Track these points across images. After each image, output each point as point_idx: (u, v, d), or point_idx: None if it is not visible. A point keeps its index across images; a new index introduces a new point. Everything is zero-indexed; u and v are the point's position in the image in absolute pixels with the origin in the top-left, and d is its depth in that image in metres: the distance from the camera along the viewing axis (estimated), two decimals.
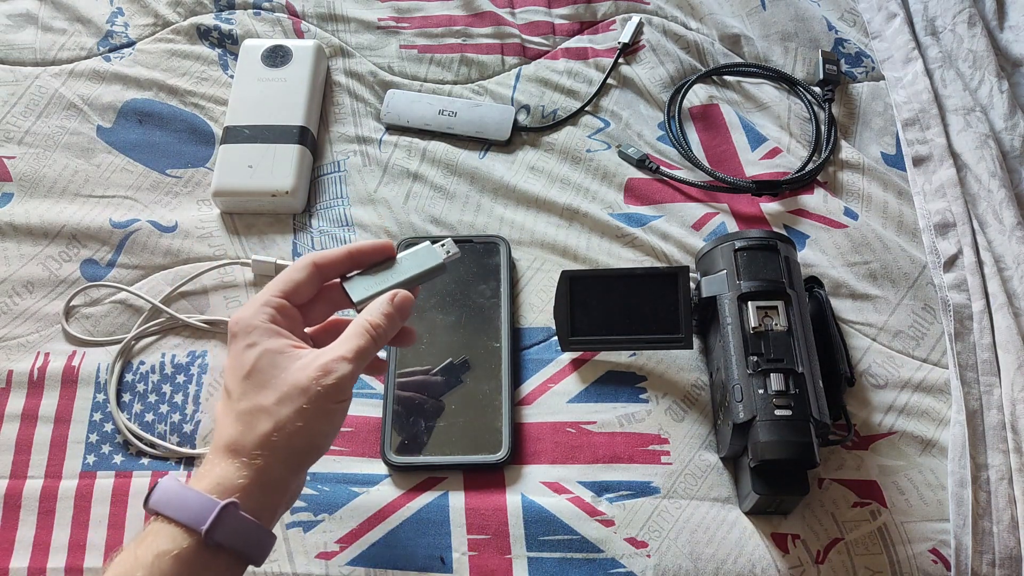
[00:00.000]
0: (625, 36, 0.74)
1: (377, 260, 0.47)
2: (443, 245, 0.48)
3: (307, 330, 0.46)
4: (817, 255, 0.63)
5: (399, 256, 0.47)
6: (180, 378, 0.59)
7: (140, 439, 0.56)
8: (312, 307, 0.46)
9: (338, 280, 0.47)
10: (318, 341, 0.46)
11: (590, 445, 0.56)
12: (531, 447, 0.56)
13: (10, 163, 0.68)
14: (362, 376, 0.58)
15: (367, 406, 0.57)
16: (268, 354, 0.41)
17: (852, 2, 0.78)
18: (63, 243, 0.64)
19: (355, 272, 0.47)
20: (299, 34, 0.75)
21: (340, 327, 0.44)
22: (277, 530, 0.53)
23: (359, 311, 0.45)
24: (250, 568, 0.40)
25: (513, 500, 0.53)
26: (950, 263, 0.62)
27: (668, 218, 0.65)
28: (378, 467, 0.55)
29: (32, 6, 0.77)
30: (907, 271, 0.62)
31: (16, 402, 0.58)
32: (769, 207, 0.66)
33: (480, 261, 0.62)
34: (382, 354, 0.53)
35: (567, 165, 0.68)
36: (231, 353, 0.42)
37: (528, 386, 0.58)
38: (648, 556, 0.52)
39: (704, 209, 0.65)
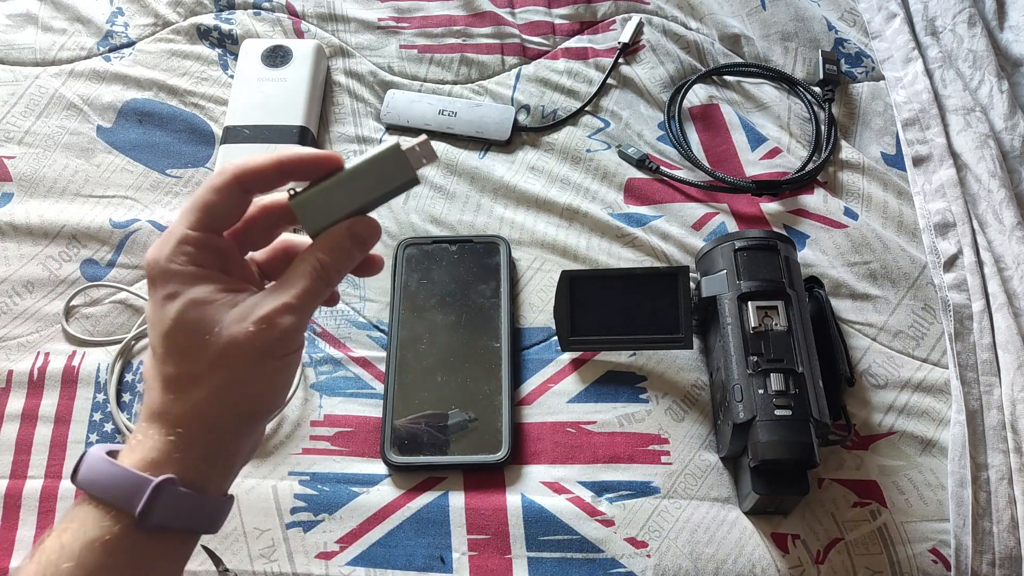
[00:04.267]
0: (625, 36, 0.74)
1: (323, 174, 0.36)
2: (416, 147, 0.36)
3: (253, 255, 0.38)
4: (817, 255, 0.63)
5: (358, 162, 0.36)
6: None
7: None
8: (250, 228, 0.37)
9: (280, 198, 0.37)
10: (269, 271, 0.39)
11: (590, 445, 0.56)
12: (531, 447, 0.56)
13: (10, 163, 0.68)
14: (360, 374, 0.58)
15: (367, 406, 0.57)
16: (193, 306, 0.33)
17: (852, 2, 0.78)
18: (63, 243, 0.64)
19: (303, 186, 0.36)
20: (299, 34, 0.75)
21: (293, 251, 0.37)
22: (277, 531, 0.53)
23: (313, 237, 0.36)
24: (246, 568, 0.37)
25: (513, 500, 0.53)
26: (950, 263, 0.62)
27: (668, 218, 0.65)
28: (378, 467, 0.55)
29: (32, 6, 0.77)
30: (907, 271, 0.62)
31: (16, 402, 0.58)
32: (769, 207, 0.66)
33: (480, 261, 0.62)
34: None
35: (567, 165, 0.68)
36: (151, 303, 0.34)
37: (528, 386, 0.58)
38: (648, 556, 0.52)
39: (704, 209, 0.65)
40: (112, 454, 0.34)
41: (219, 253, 0.35)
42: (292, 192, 0.36)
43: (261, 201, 0.37)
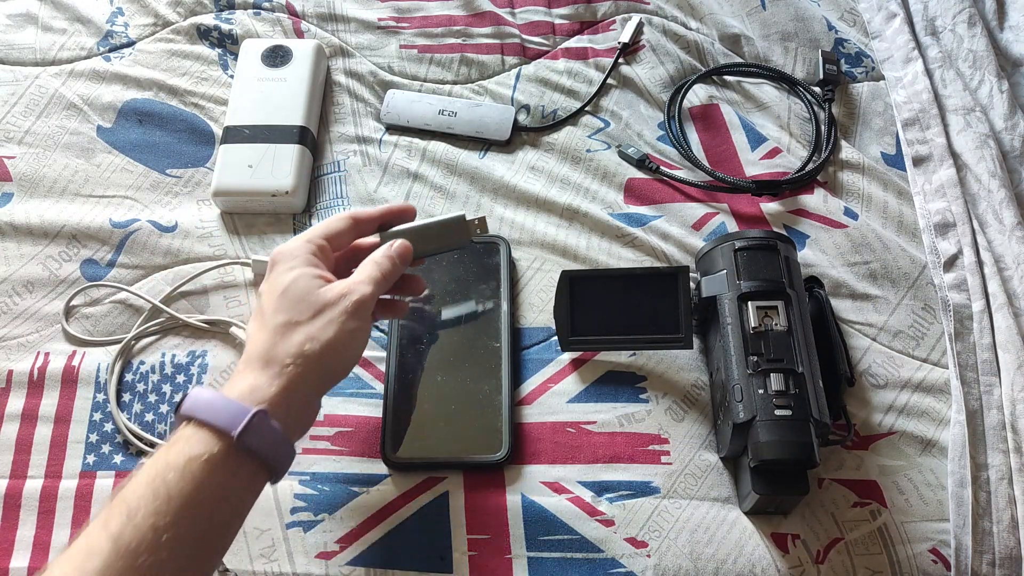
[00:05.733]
0: (625, 36, 0.74)
1: (403, 220, 0.52)
2: (476, 221, 0.52)
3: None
4: (817, 255, 0.63)
5: (430, 221, 0.51)
6: (180, 378, 0.59)
7: (140, 439, 0.56)
8: (346, 255, 0.51)
9: (369, 241, 0.52)
10: (338, 271, 0.50)
11: (590, 445, 0.56)
12: (531, 447, 0.56)
13: (10, 163, 0.68)
14: (360, 374, 0.58)
15: (367, 406, 0.57)
16: (305, 277, 0.46)
17: (852, 2, 0.78)
18: (63, 243, 0.64)
19: (390, 229, 0.51)
20: (299, 34, 0.75)
21: (361, 254, 0.50)
22: (277, 531, 0.53)
23: None
24: (246, 568, 0.40)
25: (513, 500, 0.53)
26: (950, 263, 0.62)
27: (668, 218, 0.65)
28: (378, 467, 0.55)
29: (32, 6, 0.77)
30: (907, 271, 0.62)
31: (16, 402, 0.58)
32: (769, 207, 0.66)
33: (480, 261, 0.62)
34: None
35: (567, 165, 0.68)
36: (269, 278, 0.47)
37: (528, 386, 0.58)
38: (648, 556, 0.52)
39: (704, 209, 0.65)
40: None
41: (326, 258, 0.48)
42: (381, 233, 0.51)
43: (358, 243, 0.52)
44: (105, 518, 0.38)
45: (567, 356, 0.59)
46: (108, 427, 0.57)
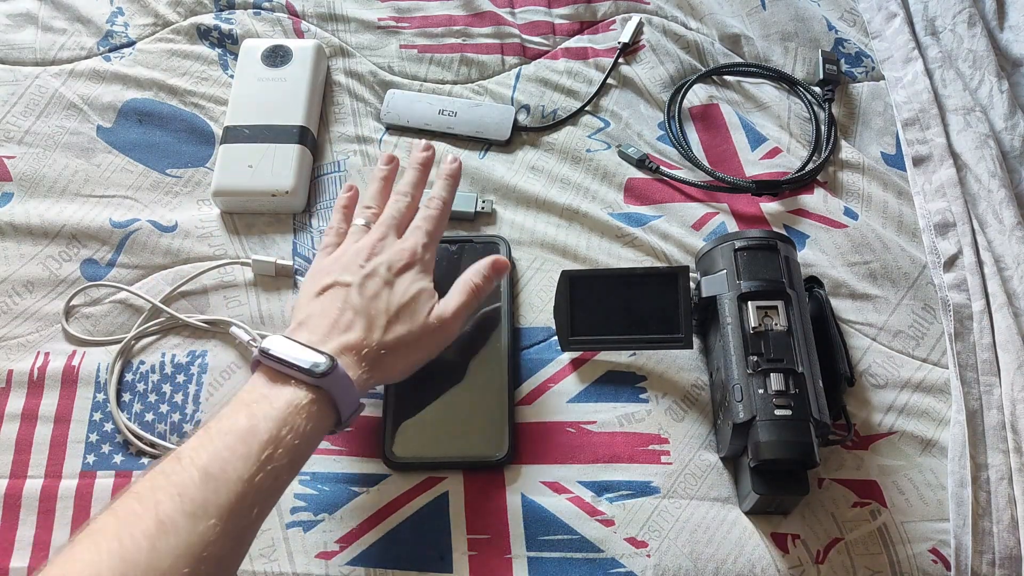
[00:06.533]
0: (625, 36, 0.74)
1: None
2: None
3: None
4: (817, 255, 0.63)
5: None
6: (180, 378, 0.59)
7: (140, 439, 0.56)
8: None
9: None
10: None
11: (590, 445, 0.56)
12: (531, 447, 0.56)
13: (10, 163, 0.68)
14: None
15: (367, 406, 0.57)
16: (426, 294, 0.53)
17: (852, 2, 0.78)
18: (63, 243, 0.64)
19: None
20: (299, 34, 0.75)
21: None
22: (277, 531, 0.53)
23: None
24: (246, 568, 0.40)
25: (513, 500, 0.53)
26: (950, 263, 0.62)
27: (668, 218, 0.65)
28: (378, 467, 0.55)
29: (32, 6, 0.77)
30: (907, 271, 0.62)
31: (16, 402, 0.58)
32: (769, 207, 0.66)
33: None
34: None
35: (567, 165, 0.68)
36: (395, 270, 0.53)
37: (528, 386, 0.58)
38: (648, 556, 0.52)
39: (704, 209, 0.65)
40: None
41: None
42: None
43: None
44: (192, 449, 0.42)
45: (567, 356, 0.59)
46: (108, 427, 0.57)
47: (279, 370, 0.46)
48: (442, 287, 0.61)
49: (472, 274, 0.55)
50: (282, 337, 0.47)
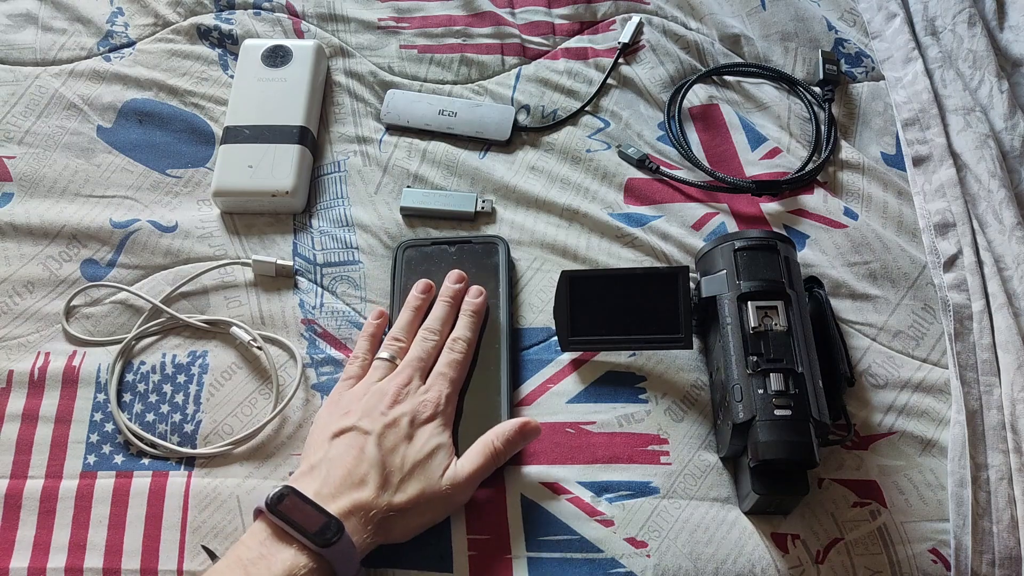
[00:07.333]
0: (625, 36, 0.74)
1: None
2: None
3: None
4: (817, 255, 0.63)
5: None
6: (181, 378, 0.59)
7: (141, 439, 0.56)
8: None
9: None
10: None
11: (589, 445, 0.56)
12: (531, 447, 0.56)
13: (10, 163, 0.68)
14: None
15: None
16: (442, 453, 0.51)
17: (852, 2, 0.78)
18: (63, 243, 0.64)
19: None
20: (299, 34, 0.75)
21: None
22: None
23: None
24: None
25: (513, 500, 0.53)
26: (950, 263, 0.62)
27: (668, 218, 0.65)
28: None
29: (32, 6, 0.77)
30: (907, 271, 0.62)
31: (16, 402, 0.58)
32: (769, 207, 0.66)
33: (480, 261, 0.62)
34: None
35: (567, 165, 0.68)
36: (416, 423, 0.51)
37: (528, 386, 0.58)
38: (648, 556, 0.52)
39: (704, 209, 0.65)
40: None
41: None
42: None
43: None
44: None
45: (567, 356, 0.59)
46: (109, 427, 0.57)
47: (283, 528, 0.45)
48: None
49: (495, 436, 0.52)
50: (292, 490, 0.46)
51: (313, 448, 0.50)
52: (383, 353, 0.56)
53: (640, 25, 0.75)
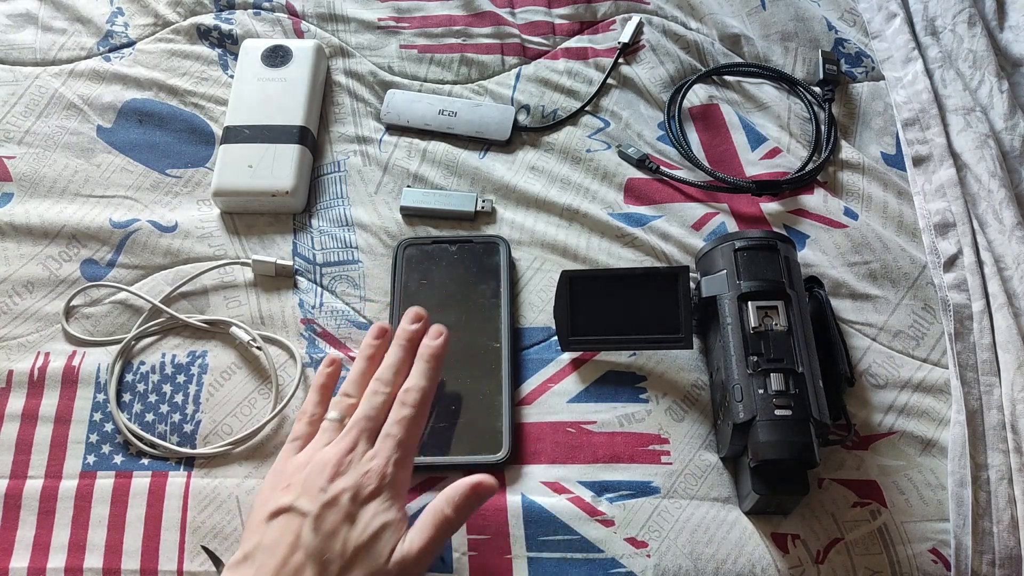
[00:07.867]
0: (625, 36, 0.74)
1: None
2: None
3: None
4: (817, 255, 0.63)
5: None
6: (180, 378, 0.59)
7: (140, 439, 0.56)
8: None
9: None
10: None
11: (590, 445, 0.56)
12: (531, 447, 0.56)
13: (10, 163, 0.68)
14: None
15: None
16: (391, 540, 0.45)
17: (852, 2, 0.78)
18: (63, 243, 0.64)
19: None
20: (299, 34, 0.75)
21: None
22: None
23: None
24: None
25: (513, 500, 0.53)
26: (950, 263, 0.62)
27: (668, 218, 0.65)
28: None
29: (32, 6, 0.77)
30: (907, 271, 0.62)
31: (16, 402, 0.58)
32: (769, 207, 0.66)
33: (480, 261, 0.62)
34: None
35: (567, 165, 0.68)
36: (360, 502, 0.45)
37: (528, 386, 0.58)
38: (648, 556, 0.52)
39: (704, 209, 0.65)
40: None
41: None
42: None
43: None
44: None
45: (567, 356, 0.59)
46: (108, 427, 0.57)
47: None
48: (444, 288, 0.61)
49: (443, 502, 0.46)
50: None
51: (249, 531, 0.46)
52: (331, 413, 0.50)
53: (640, 25, 0.75)
